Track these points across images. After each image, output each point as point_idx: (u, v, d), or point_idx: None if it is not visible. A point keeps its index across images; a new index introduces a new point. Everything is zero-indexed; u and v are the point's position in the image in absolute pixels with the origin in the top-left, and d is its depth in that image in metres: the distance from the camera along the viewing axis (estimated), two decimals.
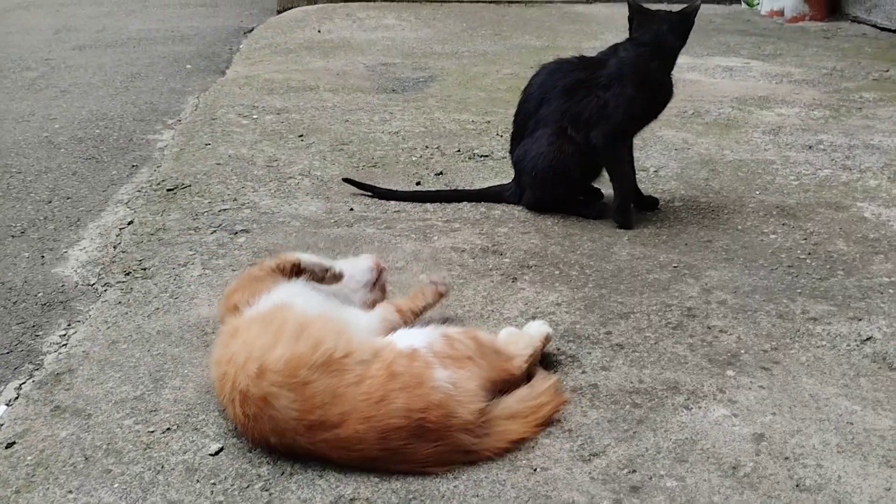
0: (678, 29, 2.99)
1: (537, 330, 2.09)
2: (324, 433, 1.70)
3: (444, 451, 1.72)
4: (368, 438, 1.68)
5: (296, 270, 2.09)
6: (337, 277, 2.16)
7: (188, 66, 5.99)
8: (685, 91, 4.76)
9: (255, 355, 1.76)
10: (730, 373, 2.10)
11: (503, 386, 1.88)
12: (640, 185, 3.23)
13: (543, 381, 1.96)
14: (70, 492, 1.70)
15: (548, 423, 1.88)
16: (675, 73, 3.08)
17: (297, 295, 2.00)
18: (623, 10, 3.19)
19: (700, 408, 1.96)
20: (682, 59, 3.14)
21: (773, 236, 2.94)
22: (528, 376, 1.97)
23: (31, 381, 2.11)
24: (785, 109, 4.61)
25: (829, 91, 5.02)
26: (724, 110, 4.59)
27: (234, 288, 2.07)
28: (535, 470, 1.76)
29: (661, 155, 3.83)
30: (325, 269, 2.13)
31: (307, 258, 2.14)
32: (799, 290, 2.54)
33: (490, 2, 8.21)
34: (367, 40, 6.64)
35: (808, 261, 2.75)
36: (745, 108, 4.65)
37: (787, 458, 1.78)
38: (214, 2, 9.20)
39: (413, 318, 2.17)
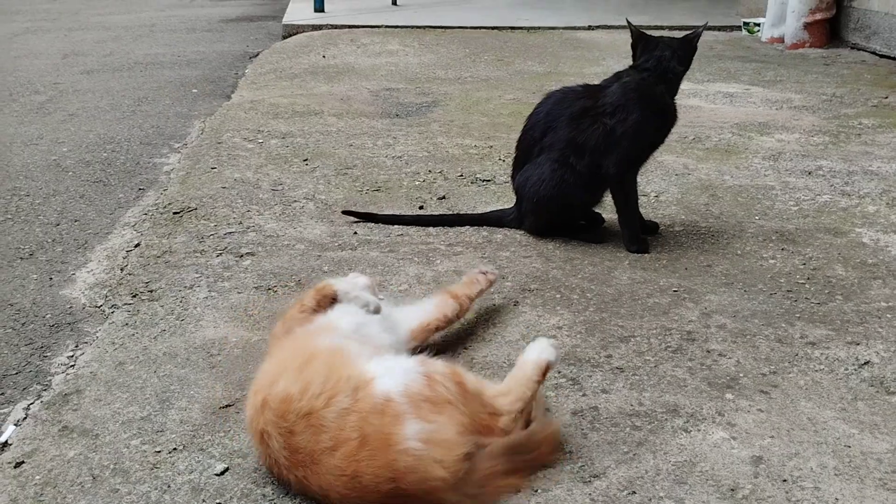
0: (681, 54, 3.05)
1: (535, 363, 1.89)
2: (310, 492, 1.69)
3: None
4: None
5: (332, 301, 2.09)
6: (377, 311, 2.12)
7: (194, 91, 6.06)
8: (686, 117, 4.81)
9: (262, 385, 1.78)
10: (729, 396, 2.13)
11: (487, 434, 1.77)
12: (641, 210, 3.27)
13: (543, 429, 1.87)
14: None
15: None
16: (676, 99, 3.13)
17: (335, 317, 2.02)
18: (624, 37, 3.24)
19: (699, 430, 1.98)
20: (684, 85, 3.19)
21: (772, 261, 2.98)
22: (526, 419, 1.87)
23: (39, 401, 2.14)
24: (785, 135, 4.66)
25: (829, 117, 5.07)
26: (725, 136, 4.64)
27: (279, 324, 2.10)
28: (537, 491, 1.78)
29: (661, 180, 3.88)
30: (364, 303, 2.11)
31: (343, 288, 2.12)
32: (798, 315, 2.57)
33: (492, 28, 8.30)
34: (371, 66, 6.72)
35: (806, 286, 2.78)
36: (746, 133, 4.70)
37: (785, 481, 1.80)
38: (220, 27, 9.31)
39: (469, 302, 2.36)
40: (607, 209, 3.20)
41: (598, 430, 1.98)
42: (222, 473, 1.83)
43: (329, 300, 2.08)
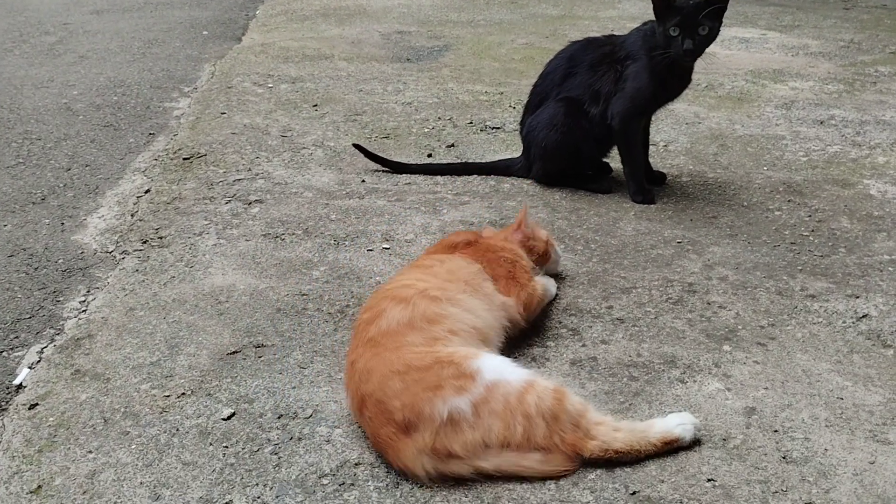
0: (707, 11, 2.77)
1: (664, 430, 1.75)
2: None
3: None
4: None
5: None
6: None
7: (205, 33, 6.02)
8: (699, 64, 4.75)
9: None
10: (726, 348, 2.16)
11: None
12: (650, 160, 3.27)
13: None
14: (90, 452, 1.79)
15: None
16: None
17: None
18: None
19: (695, 381, 2.02)
20: None
21: (777, 213, 2.98)
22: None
23: (52, 345, 2.20)
24: (799, 83, 4.61)
25: (845, 64, 5.00)
26: (738, 83, 4.59)
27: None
28: None
29: (671, 129, 3.86)
30: None
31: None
32: (800, 268, 2.59)
33: None
34: (382, 7, 6.65)
35: (810, 238, 2.79)
36: (759, 81, 4.65)
37: (776, 431, 1.84)
38: None
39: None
40: (615, 159, 3.20)
41: (596, 380, 2.03)
42: (229, 418, 1.89)
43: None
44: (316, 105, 4.18)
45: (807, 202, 3.06)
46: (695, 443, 1.78)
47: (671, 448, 1.75)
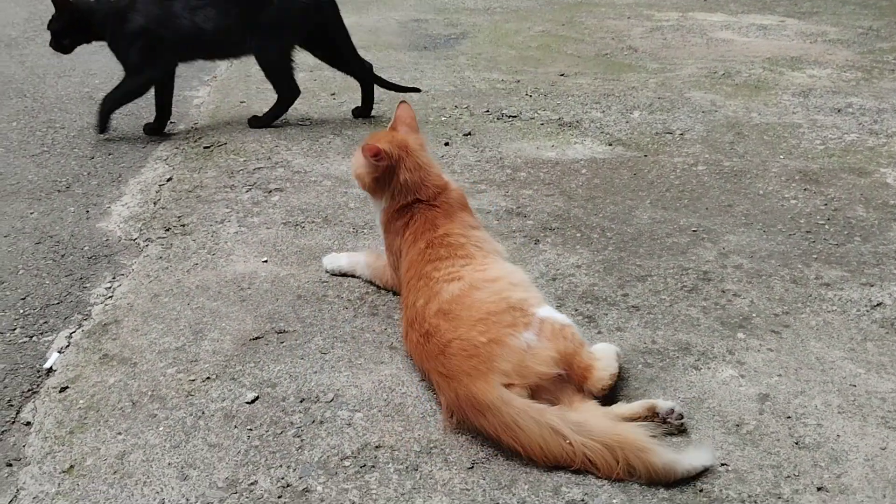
0: None
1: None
2: None
3: None
4: None
5: None
6: None
7: None
8: (717, 51, 4.76)
9: None
10: (740, 335, 2.19)
11: None
12: (666, 149, 3.28)
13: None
14: (119, 433, 1.85)
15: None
16: (709, 33, 3.09)
17: None
18: None
19: (709, 368, 2.05)
20: (716, 17, 3.18)
21: (793, 201, 3.00)
22: None
23: (80, 330, 2.26)
24: (817, 70, 4.60)
25: (864, 51, 4.98)
26: (755, 71, 4.59)
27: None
28: None
29: (687, 117, 3.87)
30: None
31: None
32: (815, 256, 2.61)
33: None
34: None
35: (826, 226, 2.80)
36: (777, 68, 4.64)
37: (789, 418, 1.87)
38: None
39: None
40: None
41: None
42: (253, 402, 1.94)
43: None
44: (334, 93, 4.22)
45: (823, 191, 3.07)
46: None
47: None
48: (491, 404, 1.76)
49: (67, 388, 2.01)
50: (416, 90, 4.11)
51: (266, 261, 2.59)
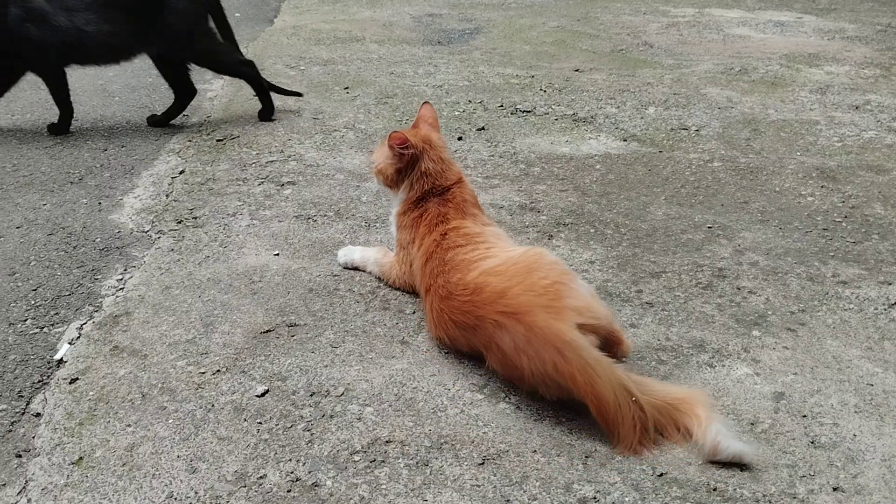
0: None
1: None
2: None
3: None
4: None
5: None
6: None
7: (237, 15, 6.06)
8: (733, 47, 4.72)
9: None
10: (756, 333, 2.16)
11: None
12: (681, 145, 3.25)
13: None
14: (129, 426, 1.84)
15: None
16: (725, 29, 3.07)
17: None
18: None
19: (724, 366, 2.03)
20: (733, 14, 3.16)
21: (810, 198, 2.96)
22: None
23: (91, 321, 2.26)
24: (835, 67, 4.55)
25: (882, 48, 4.92)
26: (772, 68, 4.54)
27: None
28: (562, 421, 1.85)
29: (703, 113, 3.83)
30: None
31: None
32: (832, 254, 2.57)
33: None
34: None
35: (843, 224, 2.77)
36: (794, 65, 4.59)
37: (804, 416, 1.84)
38: None
39: None
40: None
41: (625, 364, 2.04)
42: (263, 395, 1.93)
43: None
44: (347, 88, 4.20)
45: (840, 188, 3.04)
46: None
47: None
48: (573, 341, 1.75)
49: (77, 379, 2.01)
50: (299, 94, 4.03)
51: (278, 254, 2.58)
